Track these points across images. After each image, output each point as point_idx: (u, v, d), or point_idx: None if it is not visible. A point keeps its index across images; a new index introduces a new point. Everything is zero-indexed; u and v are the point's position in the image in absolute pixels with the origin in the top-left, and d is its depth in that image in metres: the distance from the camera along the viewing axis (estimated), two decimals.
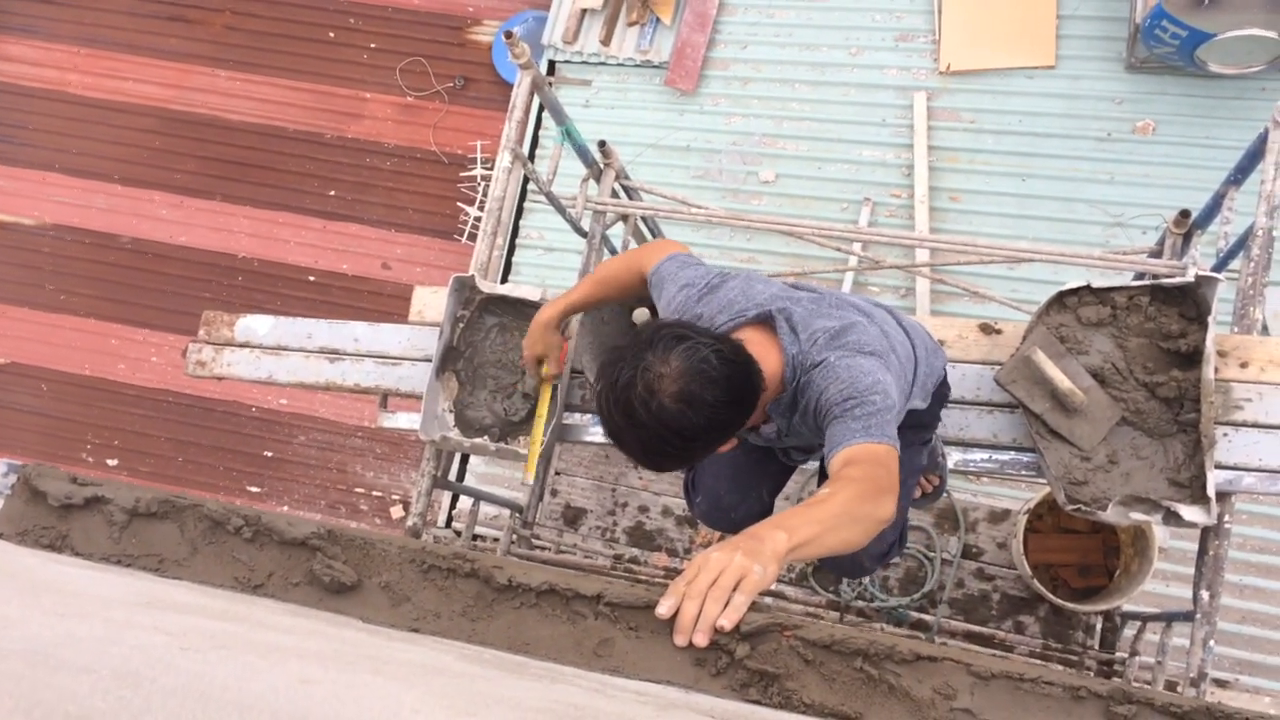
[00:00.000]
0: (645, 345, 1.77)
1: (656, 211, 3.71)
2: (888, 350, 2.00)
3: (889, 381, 1.89)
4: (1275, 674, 4.61)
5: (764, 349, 1.94)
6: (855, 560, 2.46)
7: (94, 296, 6.91)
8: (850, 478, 1.72)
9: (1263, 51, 4.71)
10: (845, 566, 2.50)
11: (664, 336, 1.78)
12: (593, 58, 5.93)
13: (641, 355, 1.76)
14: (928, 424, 2.50)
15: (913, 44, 5.62)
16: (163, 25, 7.17)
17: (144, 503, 1.41)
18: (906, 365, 2.12)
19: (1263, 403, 2.50)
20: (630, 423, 1.77)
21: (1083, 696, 1.22)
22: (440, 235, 6.66)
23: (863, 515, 1.67)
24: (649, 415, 1.74)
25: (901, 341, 2.16)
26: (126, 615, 0.96)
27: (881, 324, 2.11)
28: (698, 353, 1.75)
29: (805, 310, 2.01)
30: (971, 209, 5.37)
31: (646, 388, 1.73)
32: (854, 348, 1.93)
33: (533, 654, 1.28)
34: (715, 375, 1.76)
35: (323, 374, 3.05)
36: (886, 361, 1.95)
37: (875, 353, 1.94)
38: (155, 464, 6.65)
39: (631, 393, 1.74)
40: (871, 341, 1.96)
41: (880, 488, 1.72)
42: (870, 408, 1.82)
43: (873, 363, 1.91)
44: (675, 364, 1.74)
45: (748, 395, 1.84)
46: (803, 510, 1.62)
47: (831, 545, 1.64)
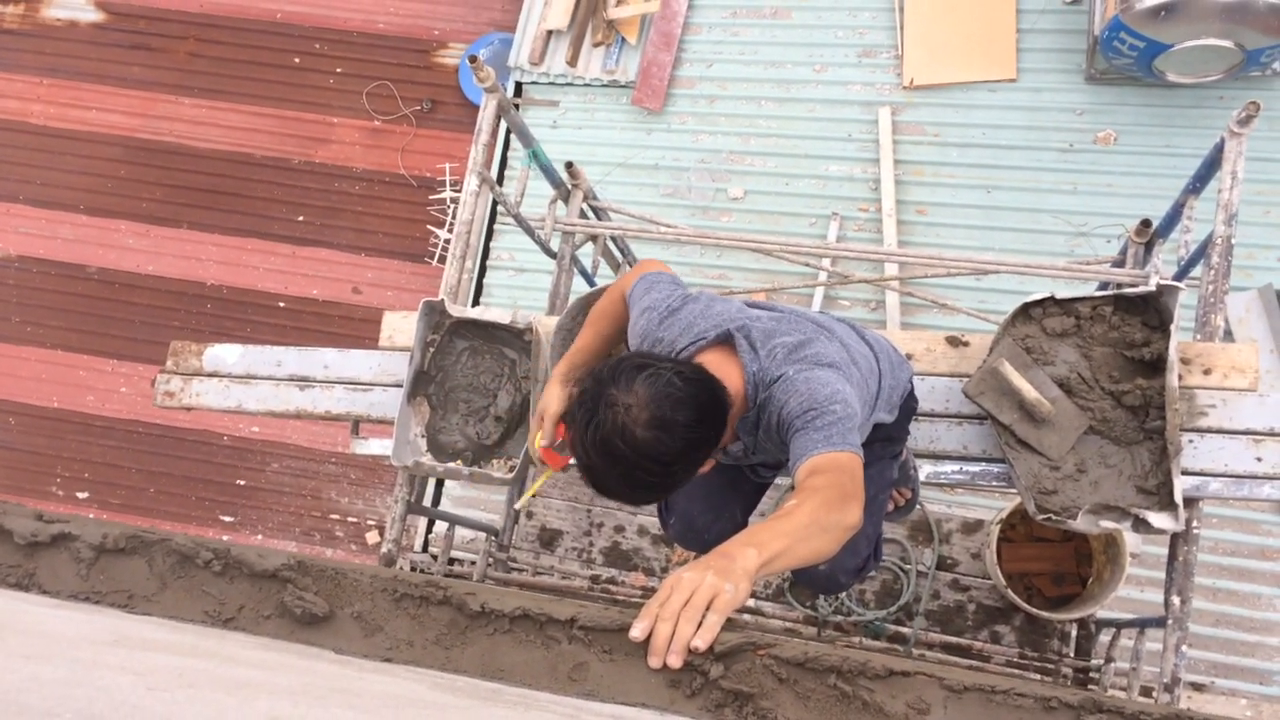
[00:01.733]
0: (608, 381, 1.77)
1: (625, 231, 3.73)
2: (847, 363, 2.02)
3: (848, 392, 1.91)
4: (1250, 676, 4.65)
5: (725, 368, 1.95)
6: (831, 576, 2.47)
7: (61, 328, 6.84)
8: (815, 487, 1.72)
9: (1219, 61, 4.79)
10: (821, 583, 2.51)
11: (625, 369, 1.78)
12: (559, 78, 5.95)
13: (606, 392, 1.76)
14: (897, 438, 2.52)
15: (876, 60, 5.67)
16: (125, 54, 7.14)
17: (112, 538, 1.39)
18: (869, 377, 2.14)
19: (1226, 409, 2.53)
20: (610, 460, 1.76)
21: (1054, 707, 1.23)
22: (410, 258, 6.65)
23: (831, 524, 1.67)
24: (626, 447, 1.73)
25: (864, 354, 2.18)
26: (93, 655, 0.95)
27: (843, 338, 2.13)
28: (660, 377, 1.76)
29: (764, 327, 2.02)
30: (938, 221, 5.41)
31: (618, 422, 1.73)
32: (812, 361, 1.95)
33: (507, 681, 1.28)
34: (682, 396, 1.76)
35: (293, 402, 3.04)
36: (846, 373, 1.97)
37: (833, 365, 1.96)
38: (126, 496, 6.57)
39: (605, 430, 1.74)
40: (830, 354, 1.98)
41: (845, 494, 1.73)
42: (830, 417, 1.83)
43: (831, 374, 1.92)
44: (641, 392, 1.74)
45: (716, 412, 1.84)
46: (771, 524, 1.62)
47: (803, 556, 1.64)
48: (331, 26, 7.02)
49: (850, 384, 1.95)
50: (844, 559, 2.42)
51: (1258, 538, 4.77)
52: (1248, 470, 2.50)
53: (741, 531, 1.60)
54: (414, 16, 6.98)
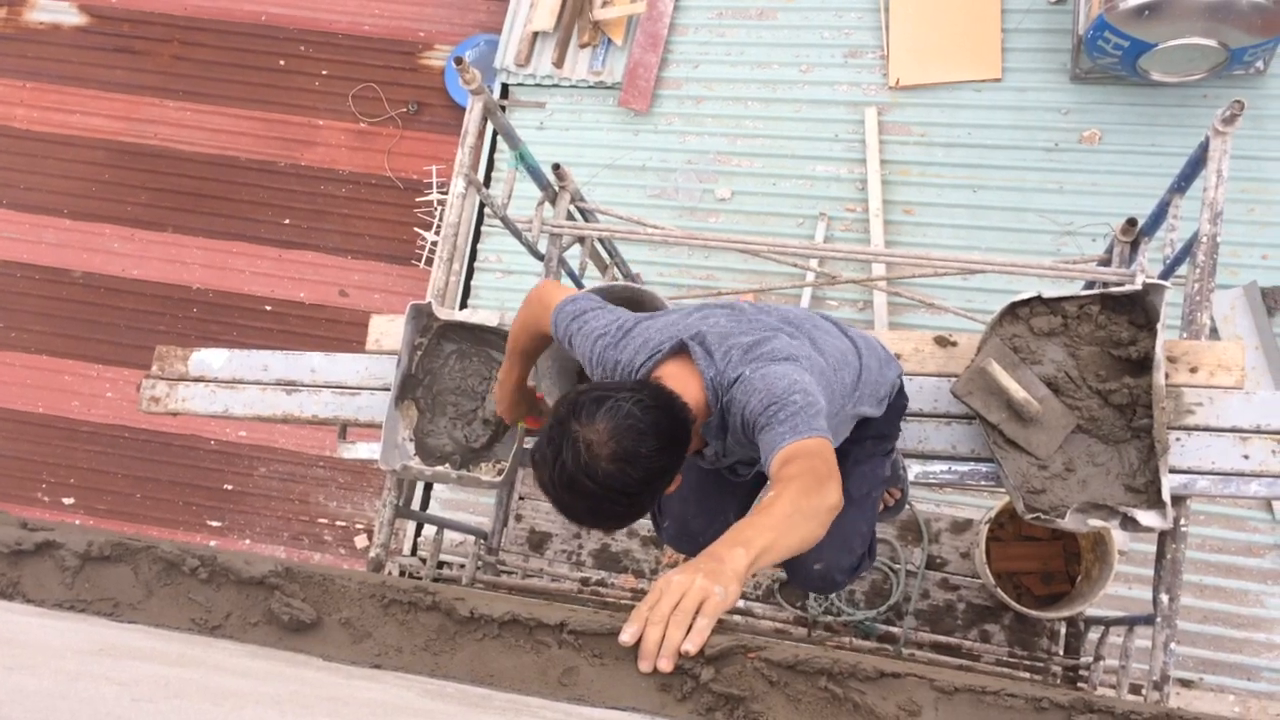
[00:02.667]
0: (569, 416, 1.79)
1: (612, 233, 3.72)
2: (808, 354, 2.03)
3: (807, 380, 1.92)
4: (1239, 672, 4.67)
5: (684, 379, 1.97)
6: (827, 575, 2.46)
7: (46, 333, 6.79)
8: (789, 476, 1.73)
9: (1203, 59, 4.81)
10: (817, 582, 2.50)
11: (584, 403, 1.80)
12: (546, 80, 5.94)
13: (568, 427, 1.78)
14: (887, 434, 2.52)
15: (862, 60, 5.68)
16: (109, 57, 7.10)
17: (97, 546, 1.38)
18: (841, 369, 2.15)
19: (1213, 406, 2.54)
20: (576, 495, 1.79)
21: (1045, 708, 1.23)
22: (398, 261, 6.63)
23: (811, 509, 1.68)
24: (593, 484, 1.76)
25: (838, 347, 2.19)
26: (78, 665, 0.94)
27: (810, 332, 2.15)
28: (620, 409, 1.77)
29: (720, 330, 2.05)
30: (925, 221, 5.42)
31: (581, 458, 1.75)
32: (768, 357, 1.96)
33: (497, 686, 1.27)
34: (643, 426, 1.78)
35: (280, 406, 3.02)
36: (806, 364, 1.98)
37: (790, 358, 1.97)
38: (113, 501, 6.54)
39: (570, 468, 1.76)
40: (787, 349, 2.00)
41: (820, 477, 1.73)
42: (792, 408, 1.85)
43: (788, 366, 1.94)
44: (602, 426, 1.76)
45: (678, 434, 1.86)
46: (754, 520, 1.63)
47: (790, 546, 1.65)
48: (317, 28, 6.99)
49: (810, 374, 1.97)
50: (839, 557, 2.42)
51: (1245, 534, 4.80)
52: (1234, 467, 2.51)
53: (727, 531, 1.60)
54: (400, 18, 6.96)
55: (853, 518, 2.41)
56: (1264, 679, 4.66)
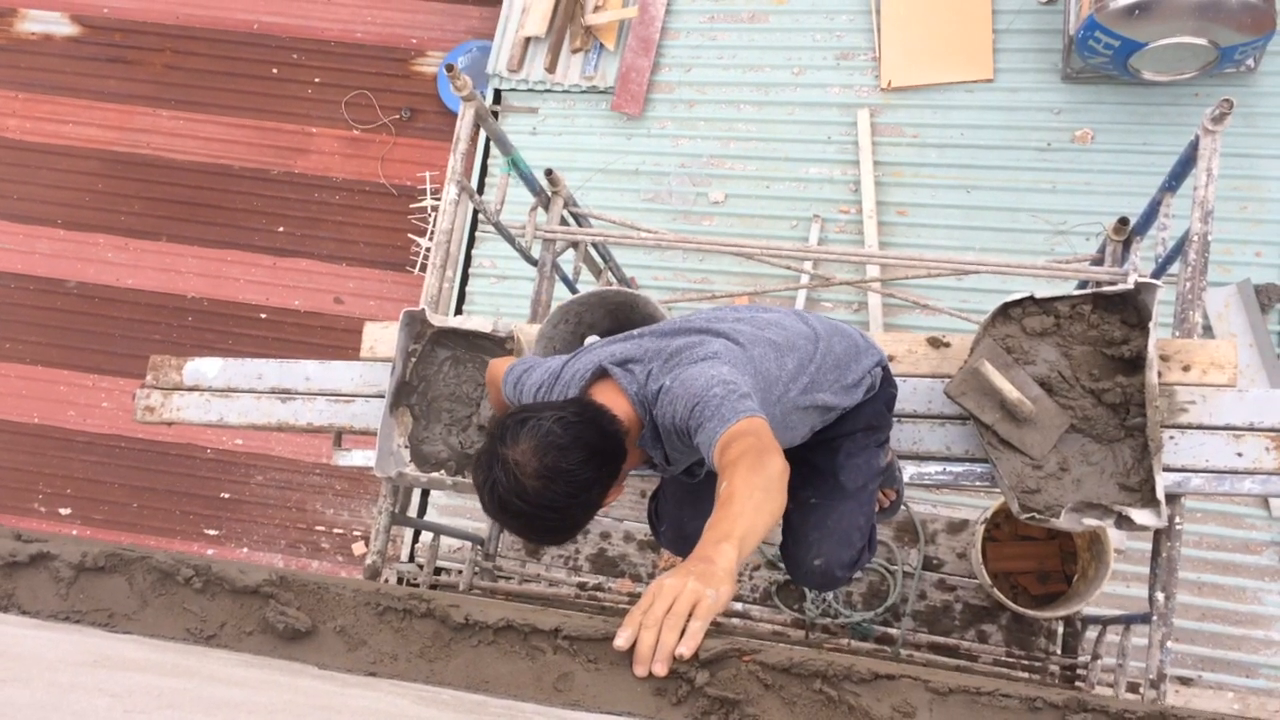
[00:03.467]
0: (496, 439, 1.86)
1: (606, 237, 3.73)
2: (729, 350, 2.07)
3: (725, 372, 1.95)
4: (1237, 669, 4.68)
5: (611, 397, 2.03)
6: (827, 572, 2.45)
7: (41, 343, 6.79)
8: (732, 461, 1.76)
9: (1194, 58, 4.82)
10: (818, 579, 2.49)
11: (509, 425, 1.86)
12: (538, 85, 5.94)
13: (495, 450, 1.84)
14: (879, 426, 2.52)
15: (854, 62, 5.69)
16: (102, 67, 7.10)
17: (91, 557, 1.38)
18: (785, 356, 2.18)
19: (1206, 405, 2.55)
20: (509, 514, 1.85)
21: (1039, 707, 1.23)
22: (392, 267, 6.63)
23: (764, 483, 1.70)
24: (522, 503, 1.82)
25: (777, 338, 2.20)
26: (71, 677, 0.95)
27: (738, 333, 2.16)
28: (541, 426, 1.83)
29: (641, 348, 2.11)
30: (919, 222, 5.43)
31: (508, 478, 1.81)
32: (686, 361, 2.02)
33: (492, 692, 1.27)
34: (565, 441, 1.83)
35: (275, 414, 3.02)
36: (722, 359, 2.02)
37: (705, 357, 2.02)
38: (110, 511, 6.53)
39: (499, 488, 1.82)
40: (701, 350, 2.04)
41: (759, 450, 1.76)
42: (715, 401, 1.88)
43: (702, 366, 1.98)
44: (525, 445, 1.81)
45: (606, 444, 1.91)
46: (721, 513, 1.65)
47: (765, 525, 1.67)
48: (309, 36, 7.00)
49: (729, 364, 2.01)
50: (839, 552, 2.42)
51: (1241, 531, 4.80)
52: (1228, 465, 2.51)
53: (704, 531, 1.61)
54: (392, 25, 6.97)
55: (850, 511, 2.42)
56: (1262, 676, 4.66)
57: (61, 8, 7.22)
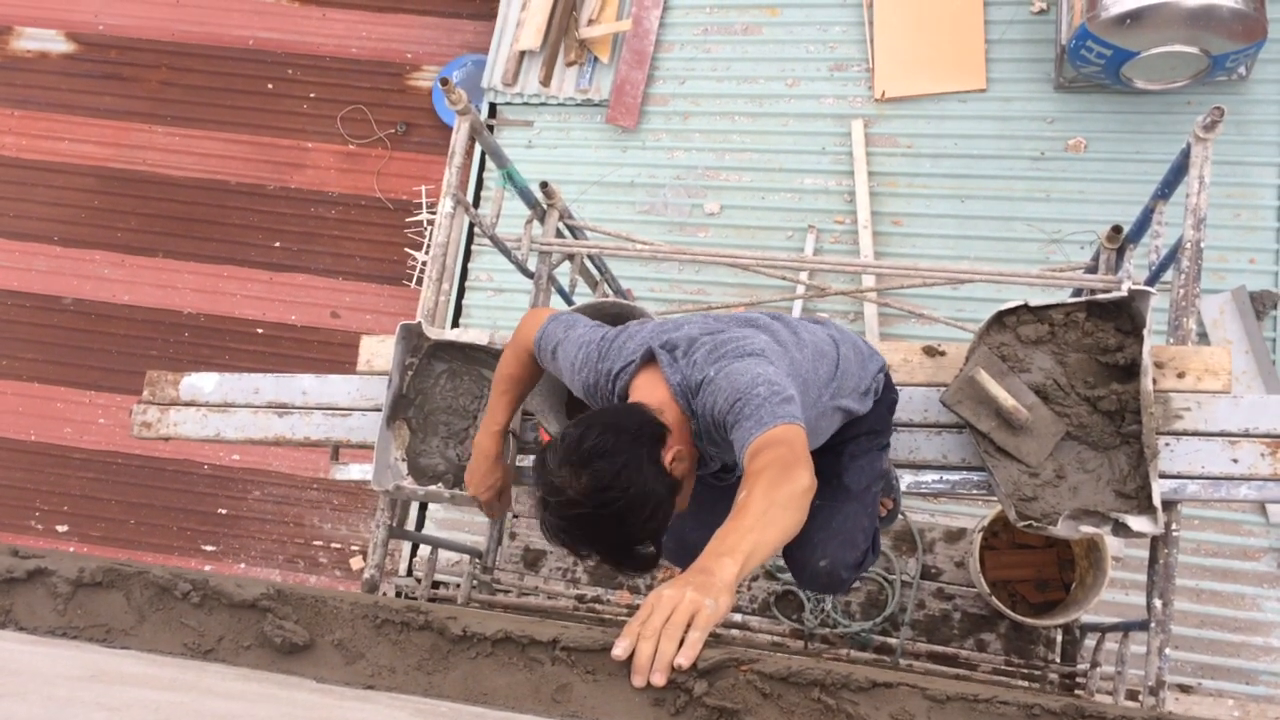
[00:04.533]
0: (540, 467, 1.89)
1: (602, 249, 3.74)
2: (774, 347, 2.06)
3: (770, 372, 1.94)
4: (1236, 676, 4.67)
5: (653, 387, 2.03)
6: (832, 573, 2.43)
7: (37, 360, 6.79)
8: (757, 470, 1.75)
9: (1185, 67, 4.85)
10: (823, 581, 2.47)
11: (552, 451, 1.88)
12: (533, 98, 5.96)
13: (543, 477, 1.88)
14: (880, 430, 2.53)
15: (847, 73, 5.71)
16: (97, 84, 7.11)
17: (88, 572, 1.38)
18: (819, 362, 2.20)
19: (1201, 411, 2.55)
20: (583, 528, 1.87)
21: (1037, 715, 1.23)
22: (389, 281, 6.64)
23: (784, 498, 1.69)
24: (585, 500, 1.82)
25: (814, 339, 2.23)
26: (69, 692, 0.95)
27: (777, 332, 2.17)
28: (585, 447, 1.85)
29: (687, 336, 2.09)
30: (914, 232, 5.45)
31: (559, 494, 1.83)
32: (731, 355, 1.99)
33: (490, 704, 1.27)
34: (601, 445, 1.84)
35: (272, 429, 3.02)
36: (771, 357, 2.01)
37: (752, 353, 2.00)
38: (107, 528, 6.52)
39: (559, 508, 1.85)
40: (752, 344, 2.02)
41: (788, 464, 1.74)
42: (756, 400, 1.87)
43: (749, 362, 1.96)
44: (567, 471, 1.83)
45: (644, 429, 1.90)
46: (732, 525, 1.64)
47: (773, 540, 1.66)
48: (304, 52, 7.02)
49: (773, 365, 1.99)
50: (843, 553, 2.40)
51: (1239, 538, 4.80)
52: (1224, 472, 2.52)
53: (710, 541, 1.60)
54: (387, 40, 6.99)
55: (854, 512, 2.42)
56: (1262, 682, 4.66)
57: (57, 25, 7.24)
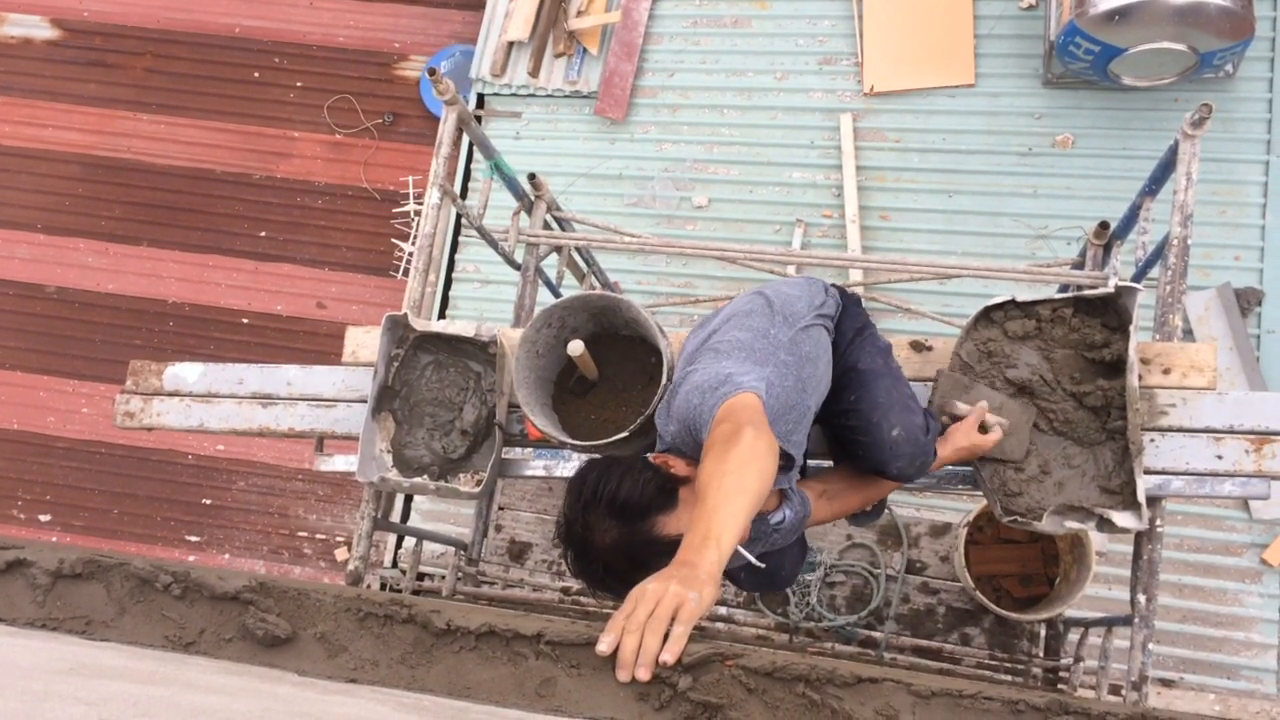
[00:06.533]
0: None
1: (589, 241, 3.72)
2: (697, 352, 2.18)
3: (697, 380, 2.02)
4: (1218, 671, 4.70)
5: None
6: (912, 439, 2.34)
7: (20, 348, 6.74)
8: (707, 449, 1.79)
9: (1173, 64, 4.86)
10: (906, 452, 2.33)
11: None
12: (522, 90, 5.94)
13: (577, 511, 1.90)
14: (862, 325, 2.60)
15: (836, 67, 5.71)
16: (82, 71, 7.06)
17: (68, 564, 1.37)
18: (760, 300, 2.32)
19: (1186, 408, 2.56)
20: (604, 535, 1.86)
21: (1021, 710, 1.23)
22: (375, 272, 6.61)
23: (735, 461, 1.69)
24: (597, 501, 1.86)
25: (748, 311, 2.31)
26: (46, 685, 0.94)
27: (710, 340, 2.24)
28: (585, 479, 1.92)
29: (661, 411, 2.21)
30: (901, 226, 5.45)
31: (585, 526, 1.87)
32: (671, 399, 2.12)
33: (474, 698, 1.27)
34: (588, 468, 1.92)
35: (256, 420, 3.00)
36: (696, 368, 2.09)
37: (683, 380, 2.09)
38: (90, 518, 6.48)
39: (580, 531, 1.87)
40: (682, 378, 2.12)
41: (726, 434, 1.76)
42: (694, 411, 1.95)
43: (680, 392, 2.05)
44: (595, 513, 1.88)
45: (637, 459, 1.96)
46: (698, 511, 1.64)
47: (746, 505, 1.65)
48: (291, 40, 6.97)
49: (701, 369, 2.06)
50: (907, 418, 2.36)
51: (1222, 533, 4.83)
52: (1209, 468, 2.53)
53: (686, 533, 1.59)
54: (374, 29, 6.95)
55: (889, 386, 2.42)
56: (1243, 677, 4.69)
57: (41, 11, 7.18)
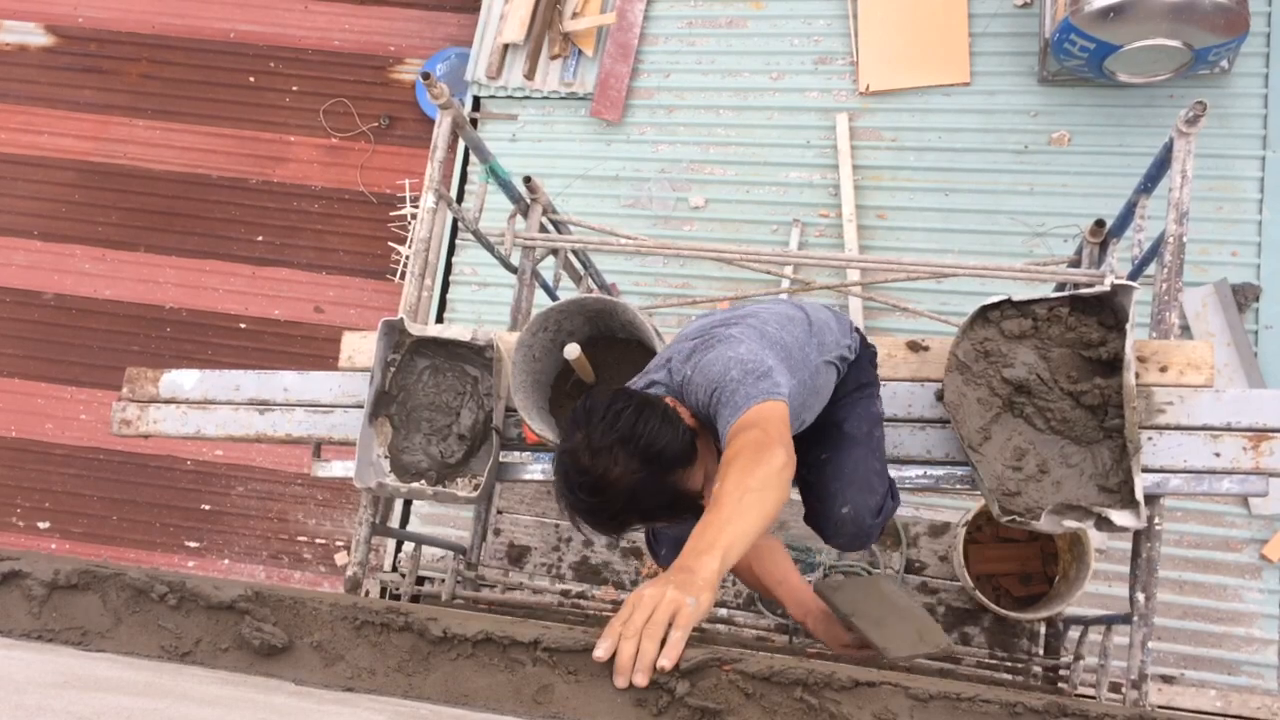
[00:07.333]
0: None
1: (585, 244, 3.72)
2: (740, 327, 2.11)
3: (743, 351, 1.97)
4: (1219, 667, 4.70)
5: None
6: (856, 519, 2.38)
7: (17, 355, 6.73)
8: (729, 458, 1.74)
9: (1168, 60, 4.85)
10: (849, 529, 2.39)
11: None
12: (517, 92, 5.94)
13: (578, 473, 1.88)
14: (866, 382, 2.58)
15: (832, 66, 5.71)
16: (77, 77, 7.05)
17: (64, 574, 1.37)
18: (790, 325, 2.25)
19: (1184, 405, 2.56)
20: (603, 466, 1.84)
21: (1019, 713, 1.23)
22: (372, 276, 6.60)
23: (759, 481, 1.67)
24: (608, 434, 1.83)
25: (774, 314, 2.27)
26: (39, 699, 0.93)
27: (745, 316, 2.21)
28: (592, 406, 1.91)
29: (678, 350, 2.14)
30: (898, 225, 5.45)
31: (611, 460, 1.84)
32: (701, 349, 2.04)
33: (471, 705, 1.26)
34: (621, 400, 1.89)
35: (253, 426, 3.00)
36: (736, 339, 2.04)
37: (721, 340, 2.04)
38: (89, 524, 6.47)
39: (586, 459, 1.85)
40: (716, 334, 2.07)
41: (760, 445, 1.74)
42: (731, 385, 1.89)
43: (719, 349, 2.00)
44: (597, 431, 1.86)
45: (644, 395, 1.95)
46: (710, 517, 1.62)
47: (754, 526, 1.63)
48: (286, 44, 6.96)
49: (750, 341, 2.03)
50: (863, 498, 2.38)
51: (1222, 529, 4.83)
52: (1206, 466, 2.53)
53: (689, 539, 1.58)
54: (370, 33, 6.94)
55: (863, 457, 2.42)
56: (1244, 673, 4.69)
57: (36, 18, 7.17)
